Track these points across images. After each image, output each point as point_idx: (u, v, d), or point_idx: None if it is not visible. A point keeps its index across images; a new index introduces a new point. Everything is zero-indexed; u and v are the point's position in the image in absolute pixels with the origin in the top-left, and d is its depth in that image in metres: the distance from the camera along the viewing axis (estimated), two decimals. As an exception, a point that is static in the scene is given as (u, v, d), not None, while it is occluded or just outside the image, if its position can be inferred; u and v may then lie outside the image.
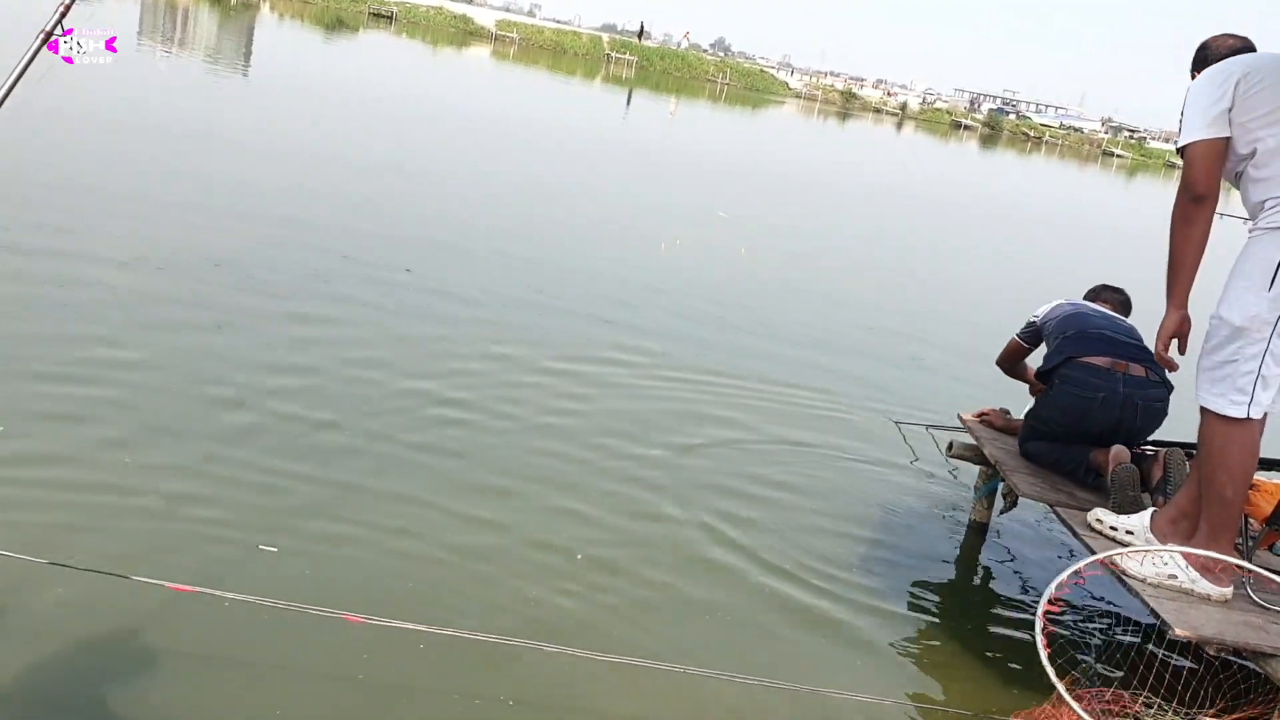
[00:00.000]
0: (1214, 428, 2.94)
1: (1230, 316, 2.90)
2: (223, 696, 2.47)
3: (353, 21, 42.79)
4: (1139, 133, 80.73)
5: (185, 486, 3.36)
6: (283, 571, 3.00)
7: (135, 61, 14.90)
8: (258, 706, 2.46)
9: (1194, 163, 2.91)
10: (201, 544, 3.07)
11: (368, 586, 3.04)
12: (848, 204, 16.87)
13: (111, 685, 2.44)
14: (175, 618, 2.68)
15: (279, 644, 2.69)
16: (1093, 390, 3.71)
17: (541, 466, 4.08)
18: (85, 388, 3.90)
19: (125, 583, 2.65)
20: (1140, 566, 3.01)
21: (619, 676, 2.79)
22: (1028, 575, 4.04)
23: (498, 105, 21.68)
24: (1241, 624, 2.88)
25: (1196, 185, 2.91)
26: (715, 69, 60.10)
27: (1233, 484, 2.94)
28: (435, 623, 2.75)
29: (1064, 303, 4.18)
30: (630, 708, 2.74)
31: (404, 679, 2.65)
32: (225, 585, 2.75)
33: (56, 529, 2.97)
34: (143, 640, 2.59)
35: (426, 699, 2.61)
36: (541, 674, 2.77)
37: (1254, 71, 2.88)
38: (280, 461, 3.66)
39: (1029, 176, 36.99)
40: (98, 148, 8.60)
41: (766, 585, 3.51)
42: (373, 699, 2.56)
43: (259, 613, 2.68)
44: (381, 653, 2.71)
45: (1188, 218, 2.94)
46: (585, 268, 7.88)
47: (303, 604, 2.68)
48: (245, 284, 5.55)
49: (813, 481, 4.50)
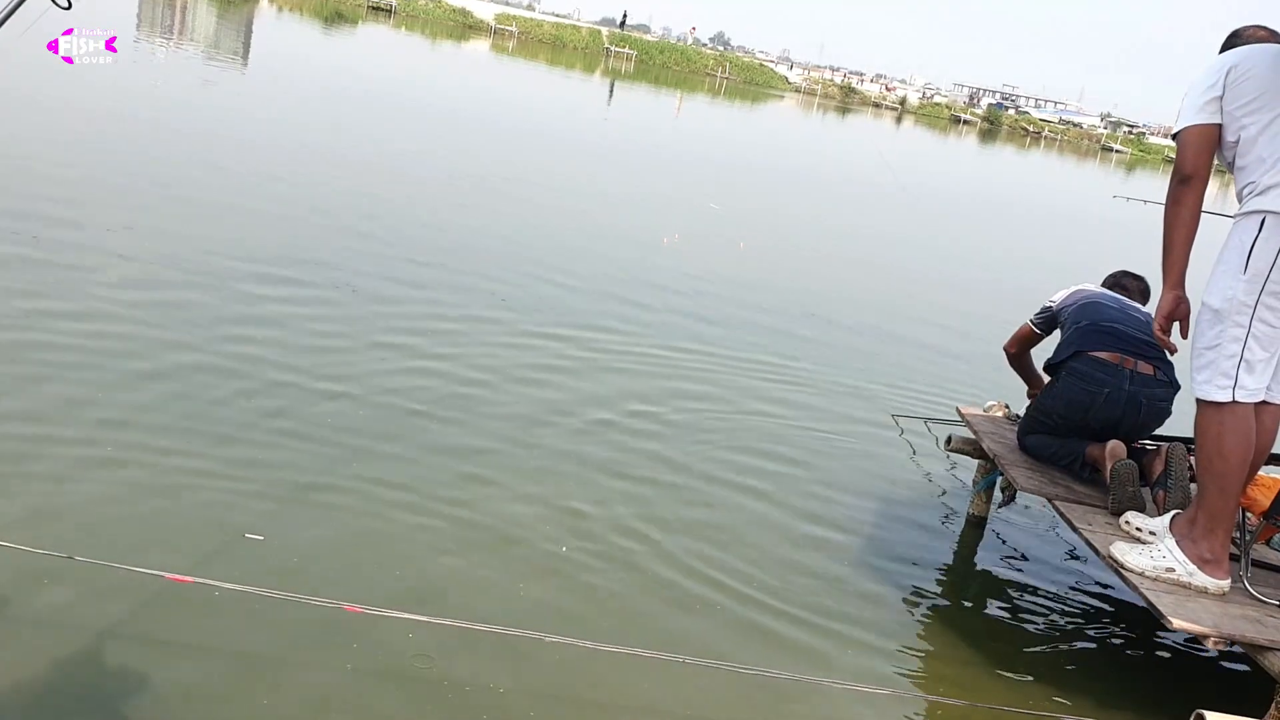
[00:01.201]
0: (1206, 414, 2.99)
1: (1210, 300, 2.98)
2: (209, 685, 2.48)
3: (351, 15, 42.70)
4: (1138, 128, 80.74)
5: (167, 474, 3.35)
6: (270, 560, 3.00)
7: (132, 56, 14.86)
8: (246, 695, 2.46)
9: (1183, 146, 3.02)
10: (187, 532, 3.07)
11: (355, 574, 3.04)
12: (845, 201, 16.87)
13: (100, 674, 2.44)
14: (163, 607, 2.68)
15: (269, 633, 2.69)
16: (1098, 385, 3.70)
17: (537, 457, 4.09)
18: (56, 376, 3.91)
19: (110, 571, 2.64)
20: (1138, 560, 3.03)
21: (617, 666, 2.80)
22: (1025, 569, 4.06)
23: (502, 104, 21.64)
24: (1239, 617, 2.89)
25: (1184, 166, 3.00)
26: (715, 63, 60.06)
27: (1228, 471, 2.95)
28: (432, 611, 2.76)
29: (1082, 289, 4.13)
30: (628, 698, 2.74)
31: (393, 667, 2.66)
32: (213, 574, 2.74)
33: (44, 517, 2.99)
34: (131, 629, 2.60)
35: (415, 687, 2.62)
36: (541, 664, 2.78)
37: (1244, 61, 2.97)
38: (261, 451, 3.65)
39: (1026, 171, 36.98)
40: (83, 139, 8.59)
41: (762, 577, 3.52)
42: (362, 687, 2.57)
43: (249, 602, 2.66)
44: (372, 641, 2.71)
45: (1176, 198, 3.02)
46: (599, 259, 7.89)
47: (299, 594, 2.68)
48: (242, 268, 5.55)
49: (810, 474, 4.51)
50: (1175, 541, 3.05)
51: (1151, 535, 3.24)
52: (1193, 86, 3.05)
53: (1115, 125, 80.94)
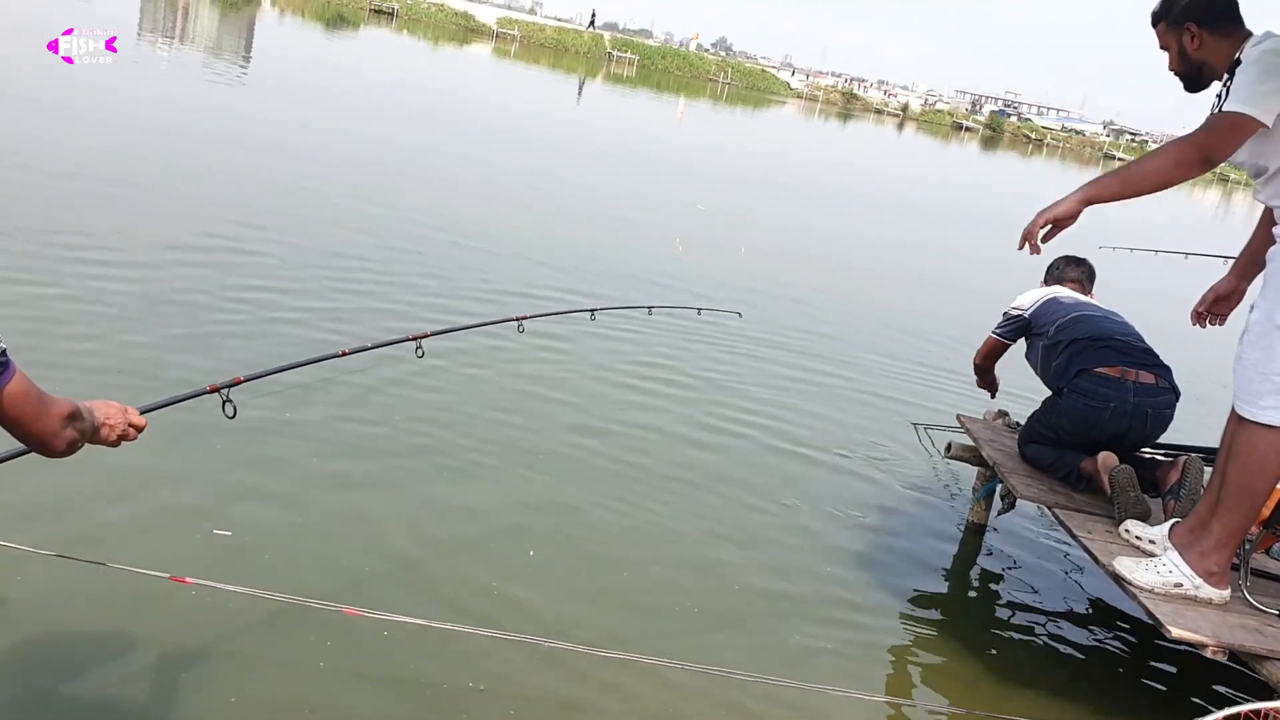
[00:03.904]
0: (1259, 436, 2.80)
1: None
2: (187, 683, 2.48)
3: (354, 18, 42.72)
4: (1140, 136, 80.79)
5: (131, 475, 3.32)
6: (238, 558, 3.00)
7: (134, 58, 14.88)
8: (222, 695, 2.46)
9: (1228, 129, 2.69)
10: (154, 528, 3.07)
11: (326, 573, 3.04)
12: (841, 204, 16.88)
13: (100, 675, 2.45)
14: (136, 604, 2.69)
15: (245, 633, 2.69)
16: (1103, 400, 3.69)
17: (533, 457, 4.09)
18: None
19: (111, 571, 2.62)
20: (1146, 577, 2.99)
21: (616, 672, 2.79)
22: (1024, 576, 4.05)
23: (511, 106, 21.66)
24: (1238, 626, 2.88)
25: (1214, 150, 2.72)
26: (717, 68, 60.13)
27: (1264, 490, 2.88)
28: (432, 615, 2.76)
29: (1054, 297, 4.10)
30: (625, 704, 2.74)
31: (367, 668, 2.66)
32: (179, 569, 2.70)
33: (44, 517, 2.99)
34: (132, 630, 2.61)
35: (394, 689, 2.62)
36: (540, 669, 2.78)
37: None
38: (234, 445, 3.65)
39: (1026, 178, 36.99)
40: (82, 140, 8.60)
41: (762, 584, 3.51)
42: (336, 687, 2.57)
43: (226, 599, 2.64)
44: (345, 642, 2.71)
45: (1182, 163, 2.74)
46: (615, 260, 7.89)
47: (298, 597, 2.68)
48: (244, 263, 5.56)
49: (811, 481, 4.51)
50: (1179, 554, 3.02)
51: (1151, 544, 3.22)
52: (1259, 71, 2.67)
53: (1118, 133, 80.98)
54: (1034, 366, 4.14)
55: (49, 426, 1.46)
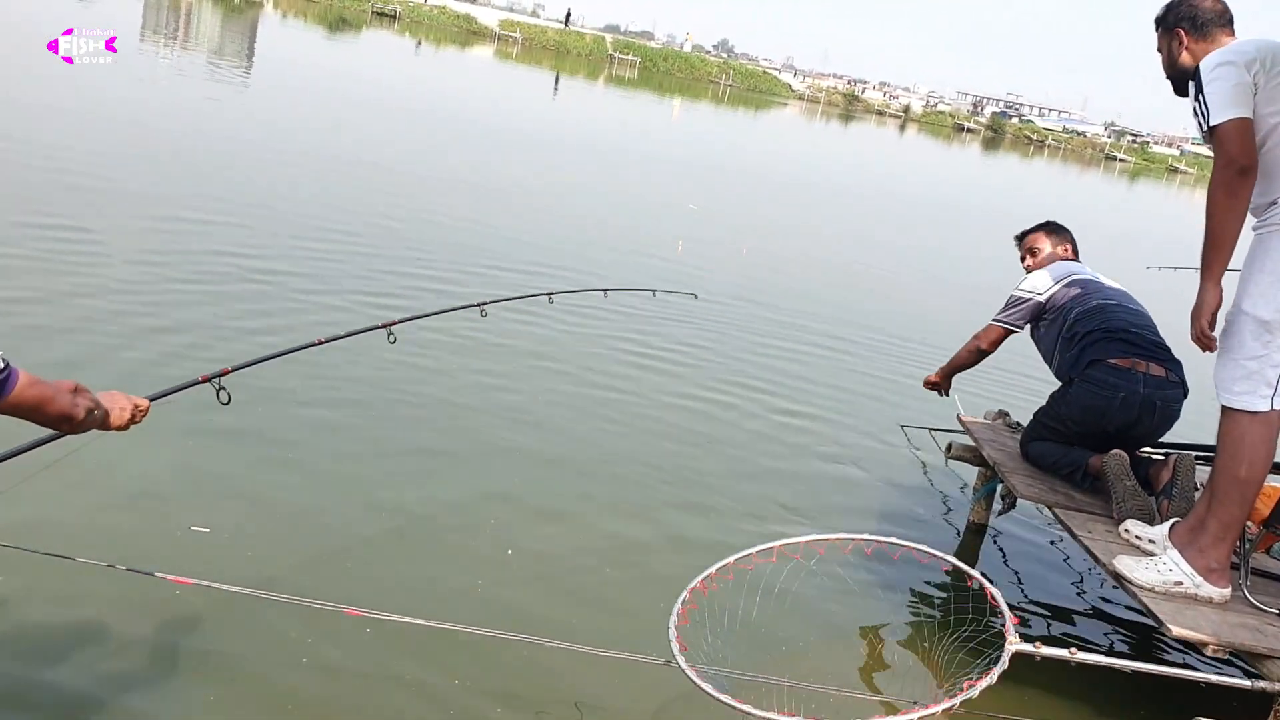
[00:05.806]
0: (1241, 424, 2.88)
1: (1259, 312, 2.84)
2: (169, 682, 2.48)
3: (356, 20, 42.82)
4: (1141, 137, 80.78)
5: (107, 473, 3.33)
6: (217, 555, 3.00)
7: (135, 61, 14.90)
8: (210, 694, 2.46)
9: (1231, 137, 2.77)
10: (132, 525, 3.07)
11: (304, 569, 3.04)
12: (838, 204, 16.88)
13: (100, 674, 2.46)
14: (116, 600, 2.69)
15: (227, 631, 2.69)
16: (1113, 390, 3.68)
17: (529, 457, 4.09)
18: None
19: (111, 572, 2.62)
20: (1146, 576, 3.00)
21: (608, 671, 2.79)
22: (1024, 576, 4.05)
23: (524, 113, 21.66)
24: (1238, 625, 2.88)
25: (1242, 157, 2.77)
26: (718, 70, 60.18)
27: (1254, 480, 2.90)
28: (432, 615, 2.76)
29: (1072, 278, 4.07)
30: (620, 701, 2.75)
31: (349, 666, 2.66)
32: (165, 567, 2.70)
33: (45, 517, 2.99)
34: (132, 630, 2.62)
35: (371, 686, 2.62)
36: (537, 667, 2.78)
37: (1267, 55, 2.78)
38: (212, 440, 3.66)
39: (1029, 180, 36.98)
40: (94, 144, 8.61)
41: (759, 584, 3.51)
42: (312, 685, 2.58)
43: (211, 596, 2.65)
44: (324, 641, 2.71)
45: (1232, 190, 2.79)
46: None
47: (298, 597, 2.68)
48: (232, 254, 5.57)
49: (810, 481, 4.51)
50: (1179, 553, 3.02)
51: (1151, 544, 3.22)
52: (1219, 77, 2.80)
53: (1119, 134, 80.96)
54: (1041, 349, 4.11)
55: (64, 403, 1.65)
